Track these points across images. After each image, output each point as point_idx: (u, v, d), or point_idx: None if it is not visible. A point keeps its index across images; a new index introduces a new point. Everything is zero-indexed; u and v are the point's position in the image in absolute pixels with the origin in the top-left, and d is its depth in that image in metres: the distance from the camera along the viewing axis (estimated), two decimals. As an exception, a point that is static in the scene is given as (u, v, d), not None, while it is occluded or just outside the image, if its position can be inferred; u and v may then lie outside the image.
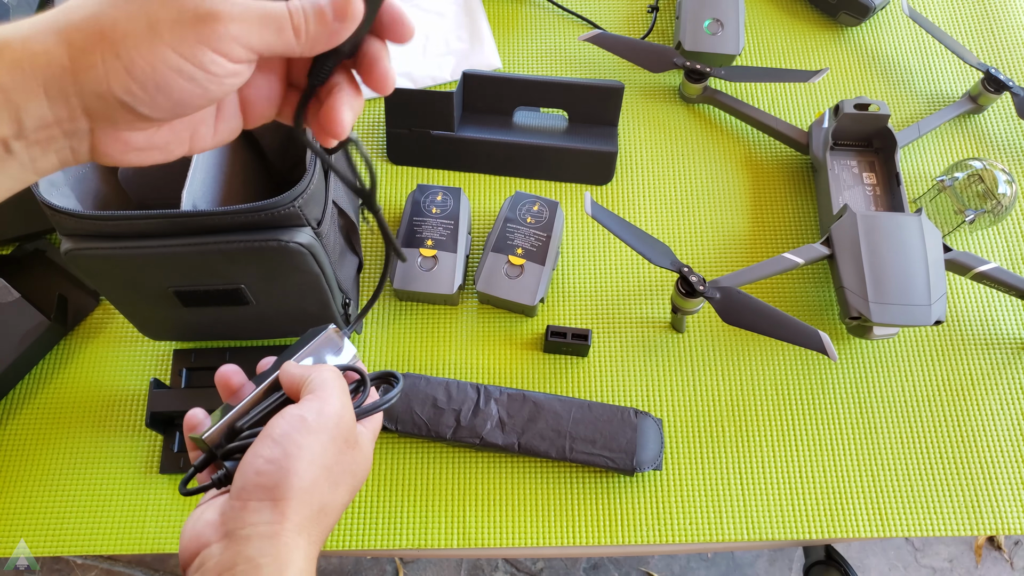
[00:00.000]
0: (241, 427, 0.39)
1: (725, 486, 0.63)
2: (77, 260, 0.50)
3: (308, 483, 0.35)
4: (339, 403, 0.38)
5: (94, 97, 0.28)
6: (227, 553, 0.33)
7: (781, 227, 0.73)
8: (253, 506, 0.34)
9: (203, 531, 0.35)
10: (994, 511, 0.62)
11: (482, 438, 0.61)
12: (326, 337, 0.43)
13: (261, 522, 0.34)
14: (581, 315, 0.69)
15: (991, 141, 0.77)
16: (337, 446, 0.37)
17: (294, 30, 0.30)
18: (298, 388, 0.39)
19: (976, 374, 0.67)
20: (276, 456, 0.35)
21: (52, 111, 0.28)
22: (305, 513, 0.35)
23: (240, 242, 0.49)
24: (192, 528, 0.35)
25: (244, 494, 0.35)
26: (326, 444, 0.36)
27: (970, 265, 0.64)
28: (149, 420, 0.61)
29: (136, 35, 0.27)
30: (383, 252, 0.71)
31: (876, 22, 0.84)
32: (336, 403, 0.38)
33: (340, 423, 0.37)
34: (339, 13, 0.30)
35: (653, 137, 0.77)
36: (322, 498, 0.36)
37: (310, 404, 0.37)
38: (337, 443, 0.37)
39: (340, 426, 0.37)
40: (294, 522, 0.34)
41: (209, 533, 0.35)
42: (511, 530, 0.61)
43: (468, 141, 0.73)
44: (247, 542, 0.33)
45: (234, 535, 0.34)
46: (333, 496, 0.37)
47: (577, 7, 0.84)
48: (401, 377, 0.44)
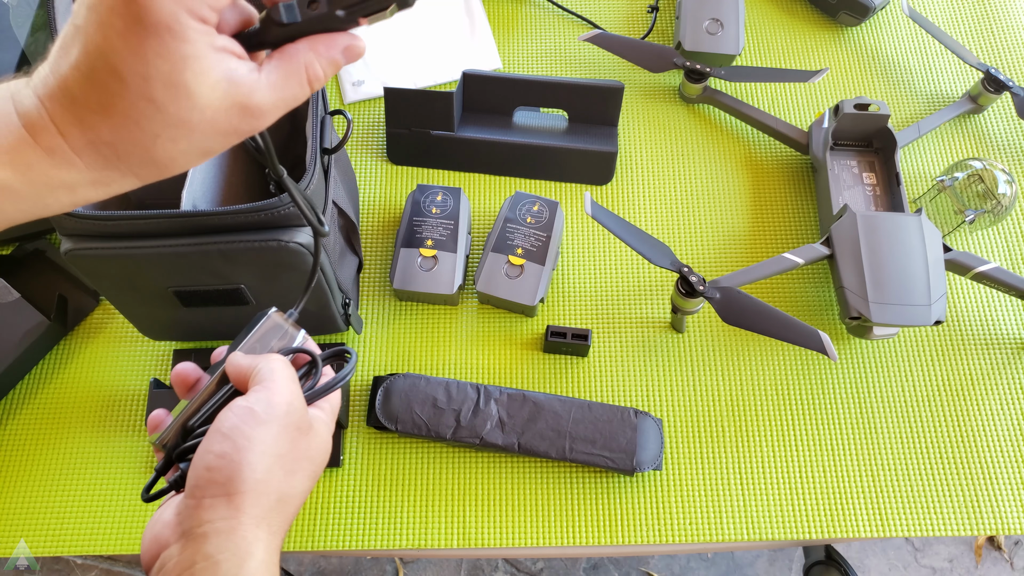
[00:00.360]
0: (193, 425, 0.38)
1: (725, 486, 0.63)
2: (77, 260, 0.50)
3: (262, 474, 0.35)
4: (287, 391, 0.37)
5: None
6: (185, 552, 0.33)
7: (781, 227, 0.73)
8: (208, 503, 0.34)
9: (161, 532, 0.35)
10: (994, 511, 0.62)
11: (482, 438, 0.61)
12: (271, 323, 0.42)
13: (217, 518, 0.34)
14: (581, 315, 0.69)
15: (991, 141, 0.77)
16: (289, 434, 0.37)
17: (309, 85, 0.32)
18: (245, 379, 0.38)
19: (976, 374, 0.67)
20: (226, 450, 0.35)
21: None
22: (263, 504, 0.35)
23: (240, 242, 0.49)
24: (151, 531, 0.35)
25: (198, 491, 0.34)
26: (277, 433, 0.36)
27: (970, 265, 0.64)
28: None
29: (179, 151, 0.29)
30: (383, 252, 0.71)
31: (876, 22, 0.84)
32: (284, 391, 0.37)
33: (290, 410, 0.37)
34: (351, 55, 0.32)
35: (653, 137, 0.77)
36: (279, 487, 0.36)
37: (258, 395, 0.37)
38: (289, 431, 0.37)
39: (290, 414, 0.37)
40: (251, 515, 0.34)
41: (167, 534, 0.35)
42: (511, 530, 0.61)
43: (468, 141, 0.73)
44: (204, 539, 0.33)
45: (191, 534, 0.34)
46: (290, 484, 0.37)
47: (577, 7, 0.84)
48: (354, 352, 0.43)
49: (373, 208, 0.73)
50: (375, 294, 0.69)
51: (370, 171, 0.75)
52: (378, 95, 0.78)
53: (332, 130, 0.58)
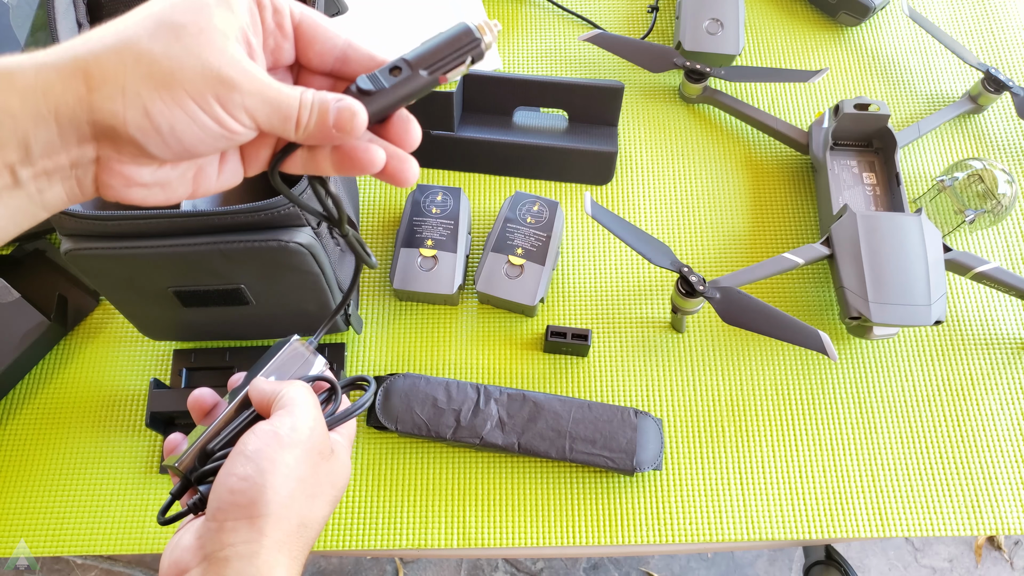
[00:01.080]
0: (212, 449, 0.38)
1: (725, 486, 0.63)
2: (77, 260, 0.50)
3: (285, 498, 0.35)
4: (311, 416, 0.37)
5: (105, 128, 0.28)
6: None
7: (781, 227, 0.73)
8: (230, 526, 0.34)
9: (181, 557, 0.34)
10: (994, 511, 0.62)
11: (482, 438, 0.61)
12: (292, 350, 0.43)
13: (239, 542, 0.33)
14: (581, 315, 0.69)
15: (991, 141, 0.77)
16: (311, 459, 0.37)
17: (296, 123, 0.31)
18: (268, 404, 0.38)
19: (976, 374, 0.67)
20: (250, 473, 0.34)
21: (61, 138, 0.28)
22: (284, 529, 0.34)
23: (240, 242, 0.49)
24: (170, 556, 0.35)
25: (220, 514, 0.34)
26: (300, 457, 0.36)
27: (970, 265, 0.64)
28: (149, 420, 0.61)
29: (161, 77, 0.28)
30: (383, 252, 0.71)
31: (876, 22, 0.84)
32: (308, 416, 0.37)
33: (313, 435, 0.37)
34: (340, 125, 0.32)
35: (653, 137, 0.77)
36: (300, 512, 0.35)
37: (282, 419, 0.37)
38: (312, 456, 0.37)
39: (313, 438, 0.37)
40: (273, 539, 0.34)
41: (188, 558, 0.34)
42: (511, 530, 0.61)
43: (468, 141, 0.73)
44: (226, 563, 0.33)
45: (213, 557, 0.33)
46: (312, 510, 0.36)
47: (577, 7, 0.84)
48: (372, 380, 0.43)
49: (373, 208, 0.73)
50: (375, 294, 0.69)
51: (370, 171, 0.75)
52: (378, 95, 0.78)
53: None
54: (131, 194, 0.31)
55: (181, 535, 0.36)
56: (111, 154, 0.29)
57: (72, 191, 0.30)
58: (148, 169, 0.31)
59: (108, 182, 0.30)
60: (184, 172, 0.32)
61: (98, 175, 0.30)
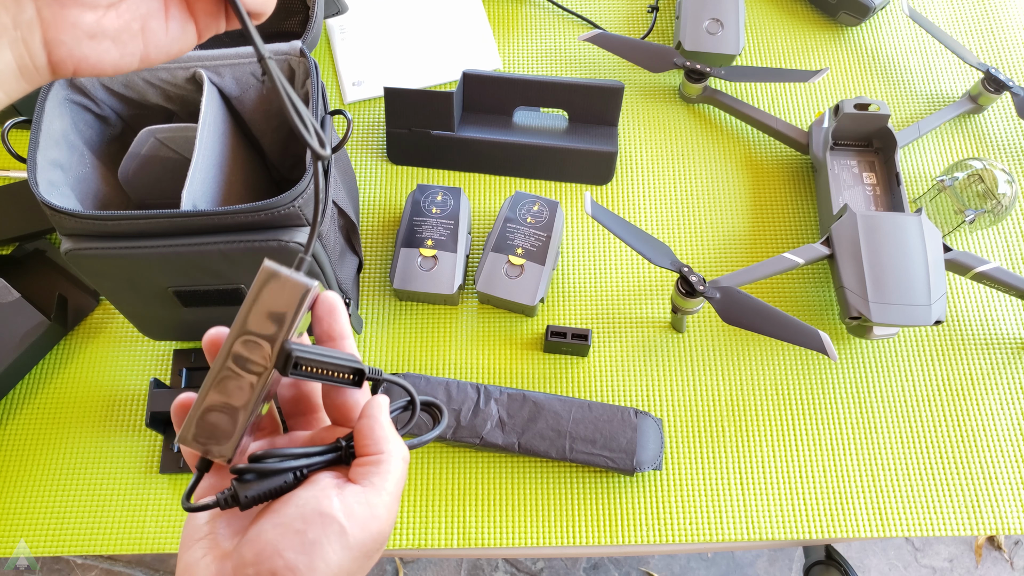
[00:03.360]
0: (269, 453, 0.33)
1: (725, 486, 0.63)
2: (77, 260, 0.50)
3: None
4: (389, 518, 0.33)
5: None
6: None
7: (781, 227, 0.73)
8: None
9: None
10: (994, 511, 0.62)
11: (482, 438, 0.61)
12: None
13: None
14: (581, 315, 0.69)
15: (991, 141, 0.77)
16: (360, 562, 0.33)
17: None
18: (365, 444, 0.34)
19: (976, 374, 0.67)
20: (298, 565, 0.31)
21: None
22: None
23: (240, 242, 0.49)
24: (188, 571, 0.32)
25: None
26: (356, 558, 0.32)
27: (970, 265, 0.64)
28: (149, 420, 0.61)
29: None
30: (383, 252, 0.71)
31: (876, 22, 0.84)
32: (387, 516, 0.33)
33: (378, 537, 0.33)
34: None
35: (653, 137, 0.77)
36: None
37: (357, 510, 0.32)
38: (368, 556, 0.33)
39: (378, 540, 0.33)
40: None
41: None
42: (511, 530, 0.61)
43: (468, 141, 0.73)
44: None
45: None
46: None
47: (577, 7, 0.84)
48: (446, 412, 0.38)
49: (373, 208, 0.73)
50: (375, 294, 0.69)
51: (370, 171, 0.75)
52: (378, 95, 0.78)
53: (332, 130, 0.58)
54: (83, 49, 0.30)
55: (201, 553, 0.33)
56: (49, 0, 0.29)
57: (22, 58, 0.29)
58: (93, 15, 0.30)
59: (57, 38, 0.29)
60: (129, 23, 0.31)
61: (45, 34, 0.29)
